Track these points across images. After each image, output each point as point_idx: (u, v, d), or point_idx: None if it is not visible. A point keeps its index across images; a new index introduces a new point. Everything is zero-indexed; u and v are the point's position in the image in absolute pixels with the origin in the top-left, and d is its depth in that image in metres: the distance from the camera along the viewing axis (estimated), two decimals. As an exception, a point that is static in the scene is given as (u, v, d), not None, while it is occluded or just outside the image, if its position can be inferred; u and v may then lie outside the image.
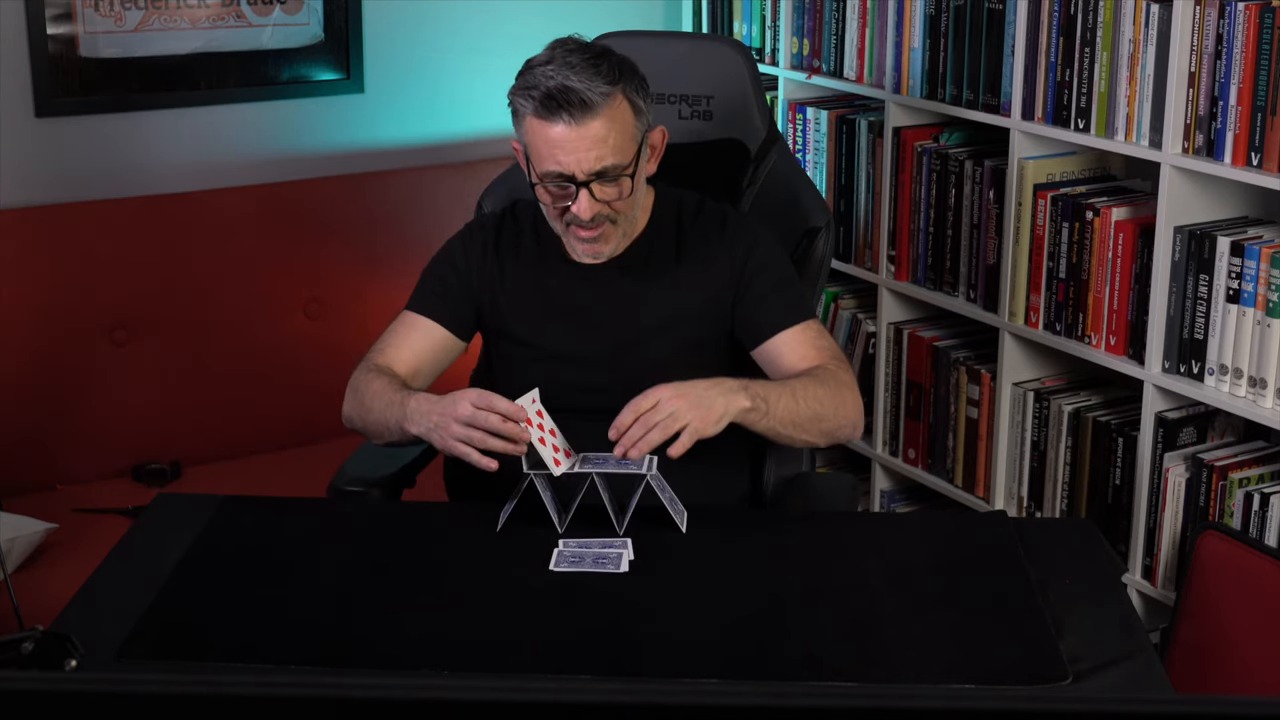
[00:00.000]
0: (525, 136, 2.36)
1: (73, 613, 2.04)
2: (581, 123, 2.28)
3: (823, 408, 2.33)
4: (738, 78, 2.80)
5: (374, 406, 2.37)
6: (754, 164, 2.79)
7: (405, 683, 0.89)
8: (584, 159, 2.30)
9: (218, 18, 3.63)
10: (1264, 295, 2.77)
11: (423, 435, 2.27)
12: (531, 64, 2.34)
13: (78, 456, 3.45)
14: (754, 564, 2.18)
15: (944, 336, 3.52)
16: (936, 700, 0.88)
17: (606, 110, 2.29)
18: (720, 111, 2.80)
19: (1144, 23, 2.88)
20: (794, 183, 2.80)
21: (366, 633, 1.99)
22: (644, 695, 0.89)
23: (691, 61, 2.83)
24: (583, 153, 2.30)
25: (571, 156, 2.30)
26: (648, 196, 2.52)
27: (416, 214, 3.80)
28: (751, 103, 2.80)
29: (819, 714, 0.88)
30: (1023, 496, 3.33)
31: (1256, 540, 2.82)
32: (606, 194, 2.34)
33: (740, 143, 2.79)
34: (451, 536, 2.24)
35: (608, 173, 2.32)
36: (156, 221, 3.53)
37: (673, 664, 1.91)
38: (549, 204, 2.39)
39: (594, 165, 2.31)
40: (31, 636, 1.65)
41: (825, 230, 2.73)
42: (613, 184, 2.35)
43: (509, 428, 2.16)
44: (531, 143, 2.34)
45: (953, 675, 1.89)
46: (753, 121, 2.80)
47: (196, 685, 0.92)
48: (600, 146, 2.30)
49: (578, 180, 2.32)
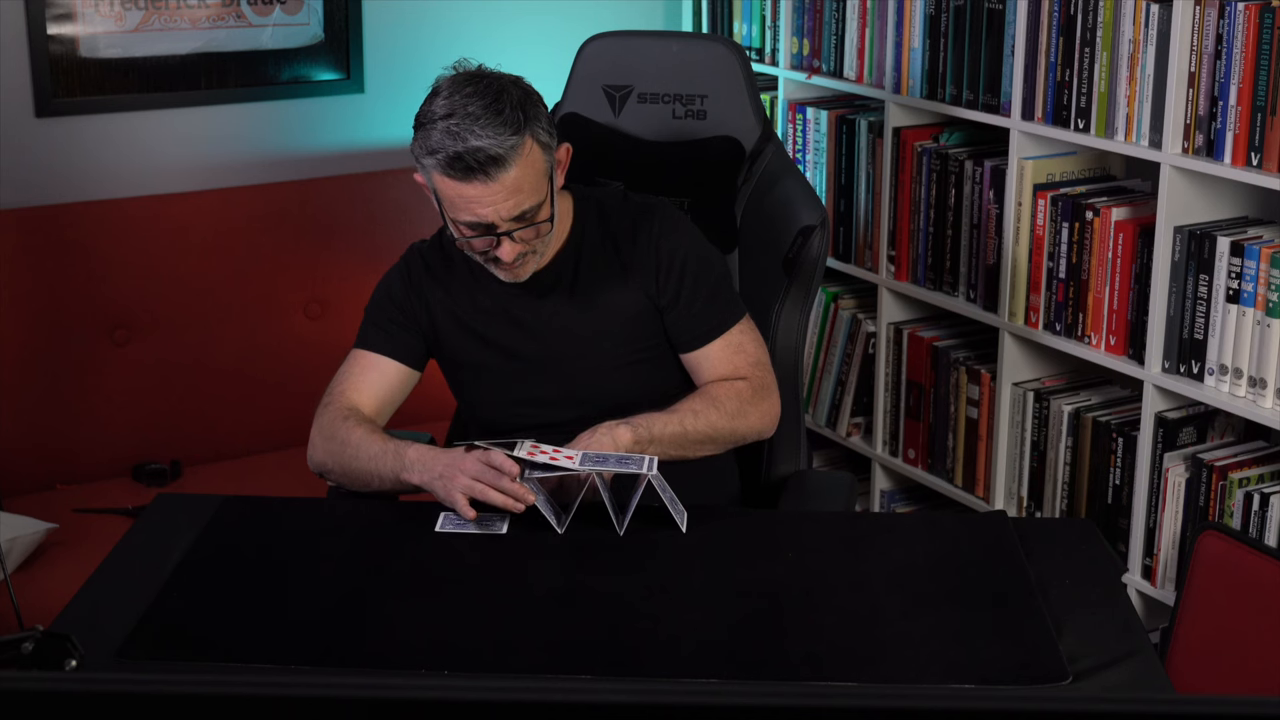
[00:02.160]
0: (435, 185, 2.33)
1: (73, 613, 2.04)
2: (495, 178, 2.26)
3: (715, 430, 2.41)
4: (731, 77, 2.80)
5: (359, 456, 2.38)
6: (749, 161, 2.79)
7: (404, 683, 0.89)
8: (502, 209, 2.29)
9: (218, 18, 3.63)
10: (1264, 295, 2.77)
11: (424, 484, 2.29)
12: (430, 116, 2.29)
13: (78, 456, 3.46)
14: (754, 564, 2.18)
15: (944, 336, 3.52)
16: (935, 700, 0.88)
17: (518, 161, 2.27)
18: (714, 111, 2.80)
19: (1144, 23, 2.88)
20: (789, 181, 2.79)
21: (367, 633, 1.99)
22: (643, 695, 0.89)
23: (685, 61, 2.83)
24: (500, 203, 2.29)
25: (489, 209, 2.29)
26: (564, 202, 2.51)
27: (416, 214, 3.80)
28: (746, 102, 2.79)
29: (819, 714, 0.88)
30: (1023, 496, 3.33)
31: (1256, 540, 2.82)
32: (526, 235, 2.34)
33: (735, 140, 2.79)
34: (451, 537, 2.24)
35: (526, 215, 2.32)
36: (156, 221, 3.53)
37: (673, 664, 1.91)
38: (469, 248, 2.37)
39: (512, 212, 2.30)
40: (31, 636, 1.65)
41: (820, 229, 2.73)
42: (531, 226, 2.34)
43: (514, 488, 2.19)
44: (443, 193, 2.32)
45: (952, 675, 1.89)
46: (747, 120, 2.80)
47: (196, 685, 0.92)
48: (516, 195, 2.29)
49: (498, 229, 2.32)
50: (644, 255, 2.48)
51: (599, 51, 2.85)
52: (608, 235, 2.51)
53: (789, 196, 2.77)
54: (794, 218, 2.75)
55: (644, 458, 2.21)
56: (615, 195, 2.56)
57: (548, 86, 2.43)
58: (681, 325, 2.50)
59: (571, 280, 2.48)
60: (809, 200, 2.77)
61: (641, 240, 2.49)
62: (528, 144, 2.28)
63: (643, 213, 2.52)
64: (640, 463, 2.19)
